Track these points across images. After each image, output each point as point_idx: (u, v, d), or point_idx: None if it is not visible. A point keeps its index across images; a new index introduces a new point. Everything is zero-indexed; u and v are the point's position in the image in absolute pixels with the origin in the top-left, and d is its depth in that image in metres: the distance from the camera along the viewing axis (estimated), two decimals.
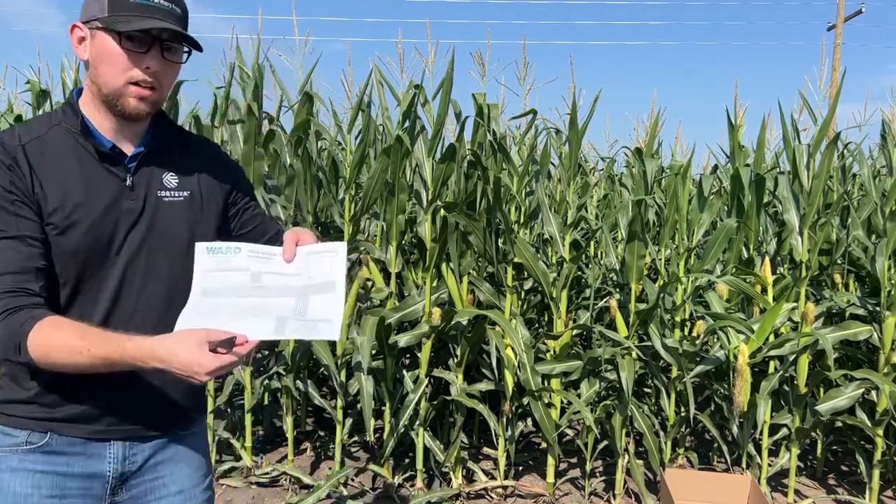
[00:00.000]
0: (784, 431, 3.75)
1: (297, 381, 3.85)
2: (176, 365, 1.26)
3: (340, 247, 1.50)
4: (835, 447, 4.48)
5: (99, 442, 1.45)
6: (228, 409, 4.19)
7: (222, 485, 3.77)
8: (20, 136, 1.39)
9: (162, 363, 1.26)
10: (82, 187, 1.39)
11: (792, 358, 3.61)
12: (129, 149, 1.47)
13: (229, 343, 1.29)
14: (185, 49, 1.46)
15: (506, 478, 3.80)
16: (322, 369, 4.29)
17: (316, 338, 1.42)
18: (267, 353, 4.03)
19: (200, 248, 1.47)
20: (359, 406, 3.80)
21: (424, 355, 3.71)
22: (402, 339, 3.63)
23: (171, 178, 1.51)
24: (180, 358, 1.26)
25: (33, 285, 1.33)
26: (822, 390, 4.00)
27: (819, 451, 4.13)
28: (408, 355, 4.29)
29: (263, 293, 1.44)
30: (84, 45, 1.40)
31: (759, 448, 3.71)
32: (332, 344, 3.72)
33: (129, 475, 1.50)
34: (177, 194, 1.50)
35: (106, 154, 1.43)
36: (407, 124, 3.69)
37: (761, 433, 3.67)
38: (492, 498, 3.72)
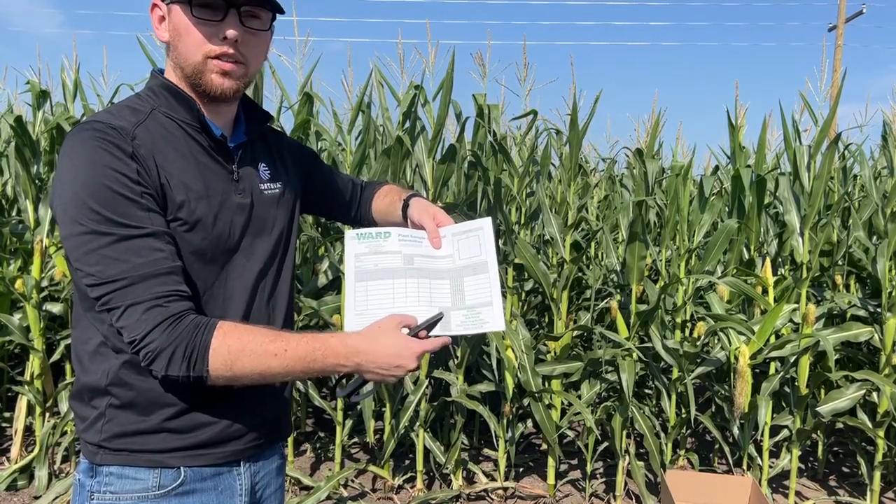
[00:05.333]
0: (785, 433, 3.74)
1: (297, 382, 3.84)
2: (381, 355, 1.19)
3: (486, 223, 1.46)
4: (836, 449, 4.47)
5: (227, 469, 1.30)
6: None
7: None
8: (128, 119, 1.20)
9: (365, 356, 1.19)
10: (200, 179, 1.24)
11: (793, 359, 3.60)
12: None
13: (429, 327, 1.29)
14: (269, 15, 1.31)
15: (506, 479, 3.79)
16: None
17: (483, 331, 1.37)
18: None
19: (350, 234, 1.43)
20: (359, 407, 3.80)
21: (425, 356, 3.70)
22: None
23: (264, 170, 1.39)
24: (385, 346, 1.19)
25: (183, 288, 1.16)
26: (822, 392, 3.99)
27: (820, 452, 4.13)
28: None
29: (418, 275, 1.41)
30: (164, 26, 1.27)
31: (759, 449, 3.70)
32: None
33: None
34: (272, 186, 1.39)
35: (215, 144, 1.29)
36: (407, 125, 3.69)
37: (762, 434, 3.66)
38: (492, 499, 3.71)
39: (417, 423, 3.68)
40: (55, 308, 3.89)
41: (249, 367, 1.15)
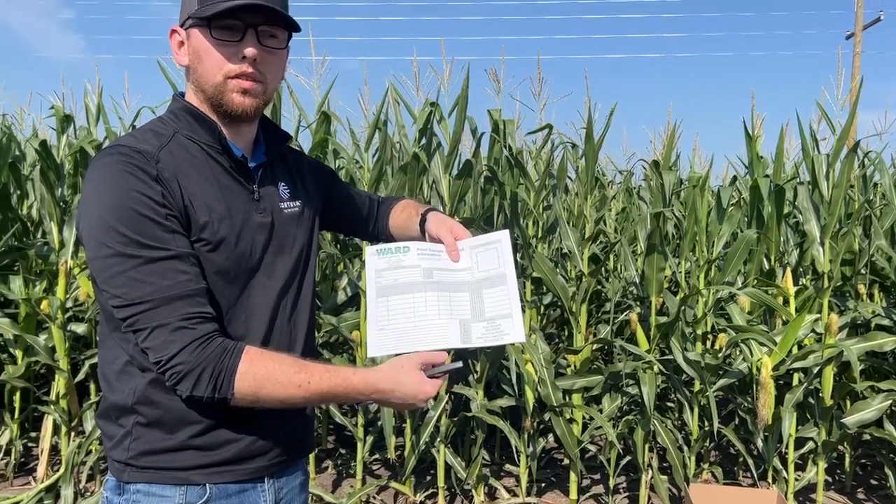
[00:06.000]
0: (810, 445, 3.68)
1: None
2: (399, 395, 1.26)
3: (504, 235, 1.48)
4: (863, 460, 4.40)
5: (252, 485, 1.32)
6: None
7: None
8: (151, 143, 1.24)
9: (384, 395, 1.26)
10: (222, 200, 1.26)
11: (816, 370, 3.56)
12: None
13: (443, 368, 1.32)
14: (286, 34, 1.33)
15: (528, 494, 3.77)
16: None
17: (504, 342, 1.39)
18: None
19: (370, 251, 1.47)
20: (379, 423, 3.80)
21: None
22: None
23: (284, 189, 1.41)
24: (405, 388, 1.26)
25: (208, 309, 1.19)
26: (848, 402, 3.94)
27: (847, 464, 4.06)
28: None
29: (437, 289, 1.42)
30: (183, 50, 1.30)
31: (785, 462, 3.65)
32: (353, 360, 3.72)
33: None
34: (292, 205, 1.41)
35: (236, 164, 1.32)
36: (423, 141, 3.72)
37: (787, 447, 3.61)
38: None
39: (438, 439, 3.68)
40: (80, 328, 3.94)
41: (273, 394, 1.19)
